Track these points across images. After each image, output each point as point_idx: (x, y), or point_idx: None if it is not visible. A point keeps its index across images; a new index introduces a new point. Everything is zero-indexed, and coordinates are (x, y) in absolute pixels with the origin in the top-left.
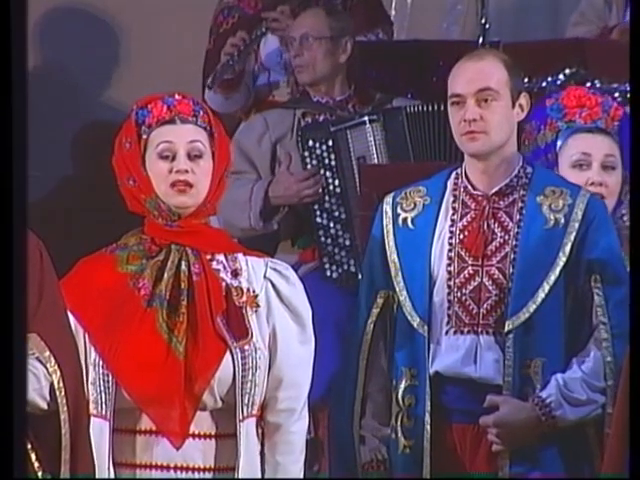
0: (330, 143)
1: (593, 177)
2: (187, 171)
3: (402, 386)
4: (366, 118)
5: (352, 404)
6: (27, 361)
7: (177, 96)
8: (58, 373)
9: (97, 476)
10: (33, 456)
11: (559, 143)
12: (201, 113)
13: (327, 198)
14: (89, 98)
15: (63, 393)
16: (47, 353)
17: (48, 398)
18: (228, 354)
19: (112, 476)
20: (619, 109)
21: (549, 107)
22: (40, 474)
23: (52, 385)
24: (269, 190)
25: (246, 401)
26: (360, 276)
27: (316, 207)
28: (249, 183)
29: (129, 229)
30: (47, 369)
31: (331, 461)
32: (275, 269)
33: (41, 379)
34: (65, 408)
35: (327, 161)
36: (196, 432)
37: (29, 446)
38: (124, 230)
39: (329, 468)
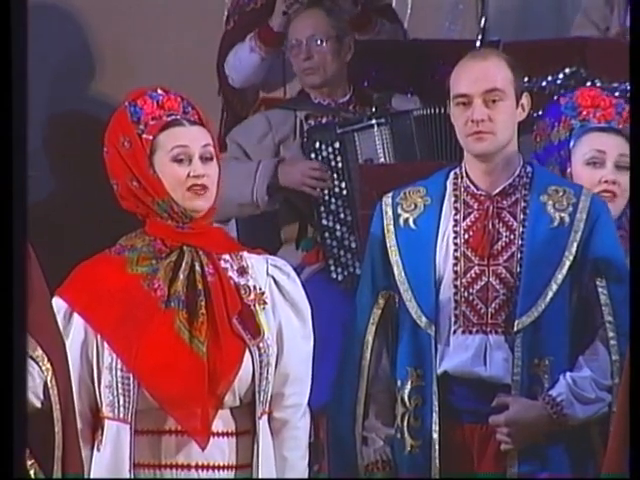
0: (337, 145)
1: (607, 175)
2: (204, 175)
3: (408, 387)
4: (374, 121)
5: (354, 405)
6: (27, 361)
7: (159, 91)
8: (51, 372)
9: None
10: (27, 454)
11: (572, 141)
12: (190, 109)
13: (333, 200)
14: (86, 95)
15: (56, 391)
16: (39, 352)
17: (42, 397)
18: (247, 353)
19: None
20: None
21: (563, 105)
22: (33, 473)
23: (45, 384)
24: (279, 167)
25: (262, 398)
26: None
27: (322, 209)
28: (249, 161)
29: (128, 228)
30: (40, 368)
31: (331, 463)
32: (276, 266)
33: (35, 378)
34: (58, 406)
35: (333, 163)
36: (215, 431)
37: None
38: (123, 229)
39: (328, 470)
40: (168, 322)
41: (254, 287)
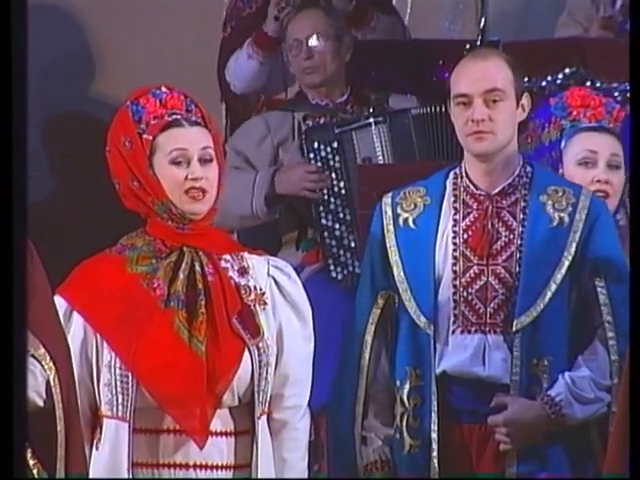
0: (335, 145)
1: (599, 175)
2: (202, 178)
3: (407, 386)
4: (372, 120)
5: (353, 405)
6: (27, 360)
7: (164, 88)
8: (53, 370)
9: (115, 477)
10: (29, 453)
11: (564, 142)
12: (193, 107)
13: (332, 199)
14: (86, 95)
15: (59, 390)
16: (42, 350)
17: (44, 395)
18: (246, 352)
19: (131, 476)
20: (622, 111)
21: (553, 106)
22: (36, 472)
23: (48, 382)
24: (275, 177)
25: (261, 398)
26: None
27: (321, 209)
28: (248, 172)
29: (127, 228)
30: (43, 366)
31: (330, 462)
32: (277, 267)
33: (37, 376)
34: (60, 405)
35: (332, 162)
36: (214, 430)
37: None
38: (122, 229)
39: (328, 469)
40: (167, 321)
41: (254, 287)
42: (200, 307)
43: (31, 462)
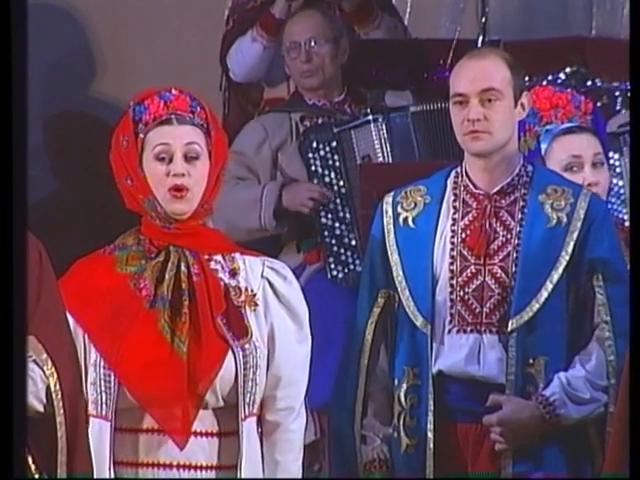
0: (334, 144)
1: (589, 178)
2: (184, 174)
3: (404, 386)
4: (370, 117)
5: (353, 404)
6: (27, 363)
7: (174, 91)
8: (55, 376)
9: (96, 476)
10: (29, 459)
11: (543, 147)
12: (198, 109)
13: (332, 199)
14: (86, 95)
15: (60, 396)
16: (44, 356)
17: (44, 401)
18: (230, 353)
19: (112, 476)
20: (588, 103)
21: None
22: (37, 477)
23: (48, 388)
24: (282, 191)
25: (247, 400)
26: None
27: (321, 208)
28: (255, 185)
29: (127, 228)
30: (44, 372)
31: (331, 461)
32: (272, 268)
33: (37, 382)
34: (61, 411)
35: (331, 162)
36: (198, 430)
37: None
38: (122, 229)
39: (329, 468)
40: (152, 322)
41: (245, 288)
42: (183, 307)
43: (32, 467)
